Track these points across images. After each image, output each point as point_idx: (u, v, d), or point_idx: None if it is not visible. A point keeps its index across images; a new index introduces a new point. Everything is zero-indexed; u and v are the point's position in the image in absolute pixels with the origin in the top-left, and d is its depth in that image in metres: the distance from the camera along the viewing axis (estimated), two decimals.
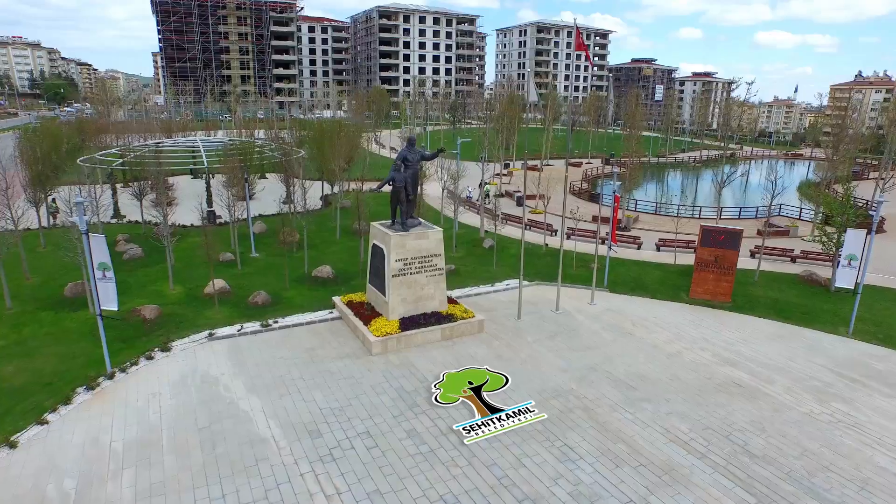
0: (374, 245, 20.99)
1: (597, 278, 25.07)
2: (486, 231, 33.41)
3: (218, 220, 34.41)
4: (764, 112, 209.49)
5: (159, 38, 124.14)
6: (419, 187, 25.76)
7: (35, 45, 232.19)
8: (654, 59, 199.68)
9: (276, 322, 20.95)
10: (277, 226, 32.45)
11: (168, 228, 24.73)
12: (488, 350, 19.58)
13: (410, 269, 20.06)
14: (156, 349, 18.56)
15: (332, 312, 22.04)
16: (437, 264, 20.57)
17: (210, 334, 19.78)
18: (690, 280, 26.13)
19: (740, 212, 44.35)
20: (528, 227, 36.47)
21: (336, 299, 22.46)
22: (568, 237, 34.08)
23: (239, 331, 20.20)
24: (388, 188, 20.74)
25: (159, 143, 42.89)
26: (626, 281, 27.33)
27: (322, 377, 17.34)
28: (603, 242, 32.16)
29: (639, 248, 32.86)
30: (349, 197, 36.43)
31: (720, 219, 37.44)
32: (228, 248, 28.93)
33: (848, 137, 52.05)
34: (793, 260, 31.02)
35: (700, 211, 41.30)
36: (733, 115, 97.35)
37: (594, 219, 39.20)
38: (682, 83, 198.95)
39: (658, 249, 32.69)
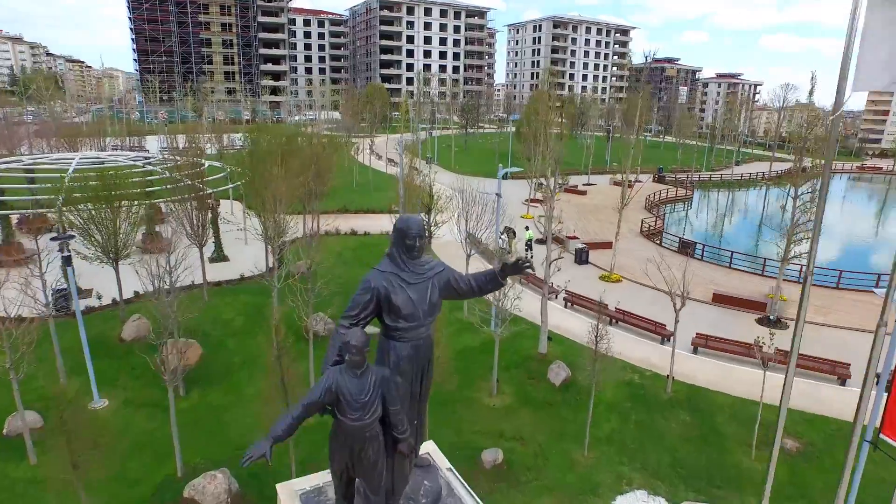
0: None
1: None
2: (551, 334, 18.31)
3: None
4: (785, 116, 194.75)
5: (131, 29, 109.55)
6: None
7: (17, 39, 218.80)
8: (678, 59, 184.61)
9: None
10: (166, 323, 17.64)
11: None
12: None
13: None
14: None
15: None
16: None
17: None
18: None
19: None
20: (614, 322, 21.31)
21: None
22: (695, 349, 19.29)
23: None
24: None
25: (35, 159, 28.38)
26: (880, 497, 12.52)
27: None
28: (766, 365, 17.17)
29: (843, 383, 17.07)
30: (303, 255, 19.45)
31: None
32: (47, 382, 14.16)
33: None
34: None
35: (879, 280, 25.34)
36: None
37: (716, 298, 23.63)
38: (705, 85, 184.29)
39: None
